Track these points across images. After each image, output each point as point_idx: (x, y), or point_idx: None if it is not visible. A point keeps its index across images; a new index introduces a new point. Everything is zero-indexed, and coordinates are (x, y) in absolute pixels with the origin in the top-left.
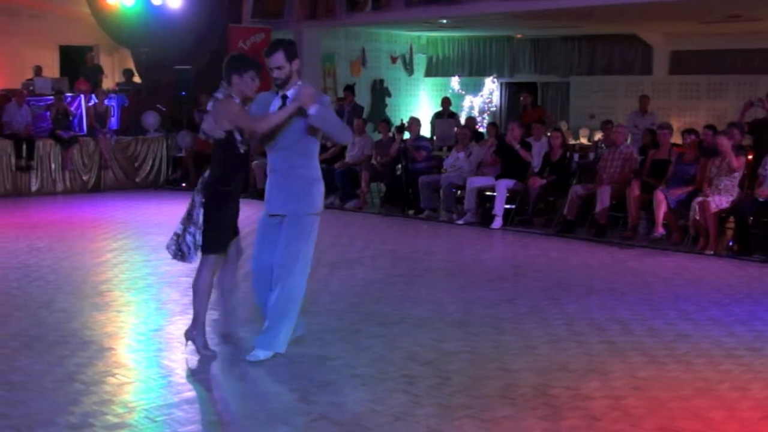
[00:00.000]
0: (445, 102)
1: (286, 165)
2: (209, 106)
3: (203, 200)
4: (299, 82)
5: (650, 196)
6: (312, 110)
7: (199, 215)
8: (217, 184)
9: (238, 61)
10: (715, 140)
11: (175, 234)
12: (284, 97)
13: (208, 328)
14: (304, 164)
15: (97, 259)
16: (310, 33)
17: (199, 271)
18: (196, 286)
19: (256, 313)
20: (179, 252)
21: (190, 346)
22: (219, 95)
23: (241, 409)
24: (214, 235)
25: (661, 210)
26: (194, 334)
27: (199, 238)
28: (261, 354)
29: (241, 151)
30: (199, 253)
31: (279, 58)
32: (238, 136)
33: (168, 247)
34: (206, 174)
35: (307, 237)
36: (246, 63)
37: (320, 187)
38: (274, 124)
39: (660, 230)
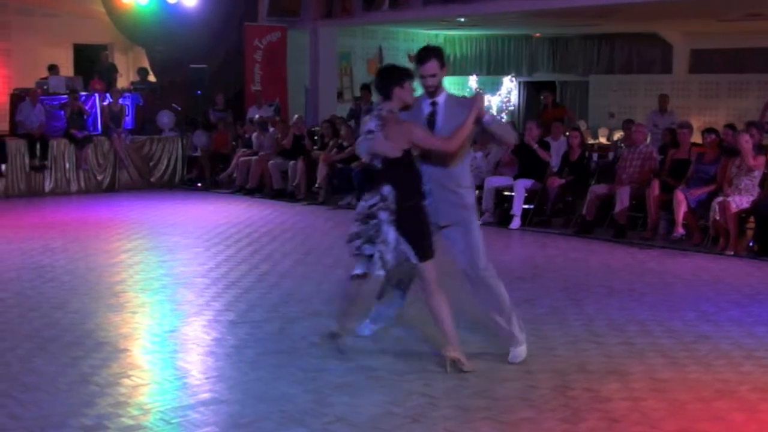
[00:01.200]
0: None
1: (447, 176)
2: (372, 125)
3: (392, 217)
4: (445, 90)
5: (670, 196)
6: (486, 117)
7: (389, 232)
8: (403, 201)
9: (398, 74)
10: (736, 138)
11: (364, 254)
12: (434, 104)
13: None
14: (463, 174)
15: (112, 259)
16: (326, 31)
17: (425, 288)
18: (430, 304)
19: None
20: (365, 269)
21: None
22: (382, 112)
23: (256, 411)
24: (423, 243)
25: (681, 210)
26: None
27: (387, 256)
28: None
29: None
30: (381, 270)
31: (433, 66)
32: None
33: (361, 266)
34: (386, 191)
35: (481, 240)
36: (405, 73)
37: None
38: (463, 140)
39: (680, 230)
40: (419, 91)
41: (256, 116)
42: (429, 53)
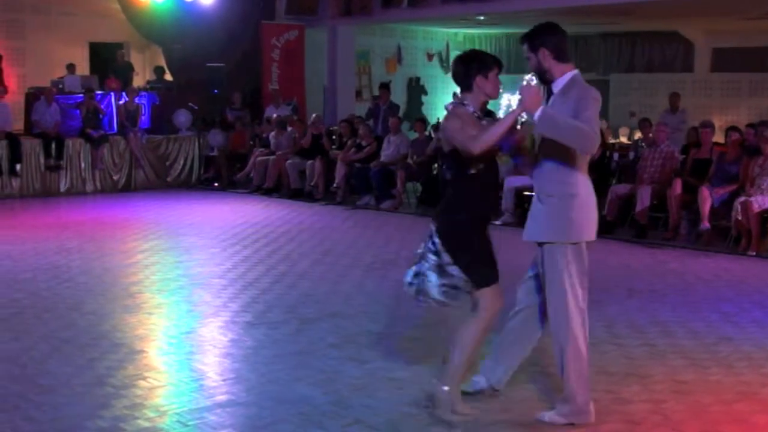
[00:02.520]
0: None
1: (540, 181)
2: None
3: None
4: (570, 73)
5: (692, 196)
6: (537, 114)
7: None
8: (451, 214)
9: (481, 61)
10: (759, 137)
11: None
12: (550, 93)
13: None
14: (561, 179)
15: (128, 260)
16: (344, 30)
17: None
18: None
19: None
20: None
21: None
22: (449, 106)
23: (274, 413)
24: (472, 266)
25: (707, 205)
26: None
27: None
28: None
29: (471, 171)
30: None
31: (525, 48)
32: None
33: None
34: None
35: (561, 272)
36: (488, 61)
37: (578, 209)
38: (491, 142)
39: (706, 224)
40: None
41: (274, 115)
42: (523, 36)
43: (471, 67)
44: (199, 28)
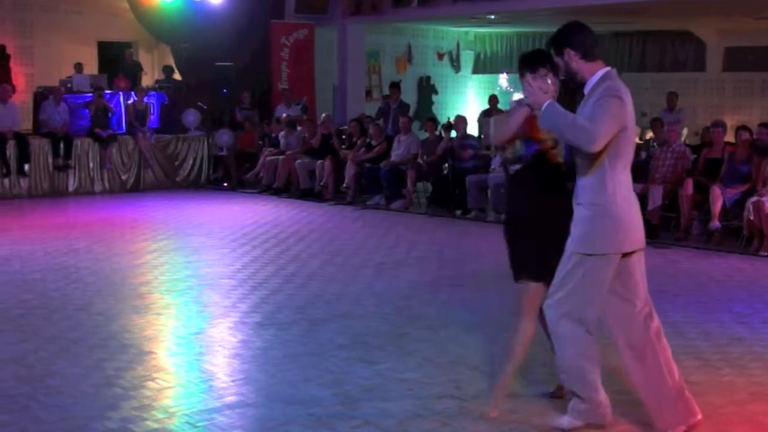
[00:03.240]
0: (493, 100)
1: (575, 188)
2: None
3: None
4: (601, 71)
5: (704, 195)
6: (543, 108)
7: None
8: (509, 210)
9: (525, 59)
10: None
11: None
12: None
13: None
14: (588, 186)
15: (137, 260)
16: (354, 29)
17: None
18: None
19: None
20: None
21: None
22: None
23: (283, 414)
24: (518, 262)
25: (718, 203)
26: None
27: None
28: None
29: (511, 171)
30: None
31: (553, 54)
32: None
33: None
34: None
35: (581, 282)
36: (537, 59)
37: (603, 219)
38: (504, 137)
39: (716, 223)
40: None
41: (284, 115)
42: (548, 41)
43: (522, 67)
44: (208, 27)
